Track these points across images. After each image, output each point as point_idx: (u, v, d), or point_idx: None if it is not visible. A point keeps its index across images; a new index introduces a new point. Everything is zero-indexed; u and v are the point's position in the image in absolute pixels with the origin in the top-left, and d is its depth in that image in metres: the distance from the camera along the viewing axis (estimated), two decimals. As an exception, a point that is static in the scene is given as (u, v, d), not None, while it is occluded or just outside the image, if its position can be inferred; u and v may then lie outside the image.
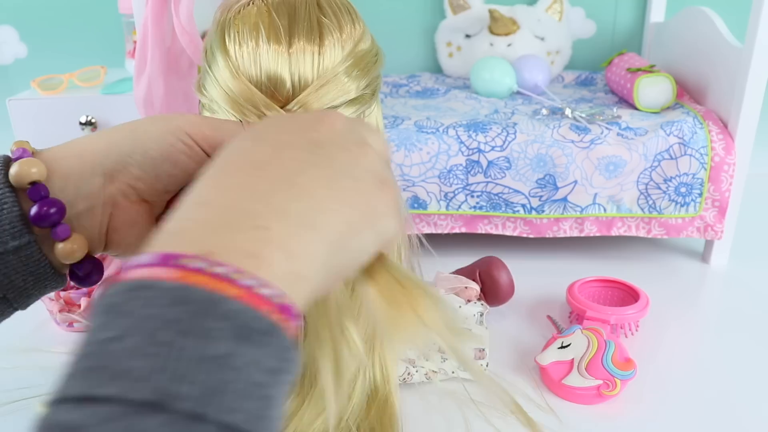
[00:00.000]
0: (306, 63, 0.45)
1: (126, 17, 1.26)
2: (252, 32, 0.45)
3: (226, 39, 0.46)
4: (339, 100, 0.46)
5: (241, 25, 0.46)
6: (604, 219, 1.03)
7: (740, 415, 0.69)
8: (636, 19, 1.47)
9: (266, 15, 0.46)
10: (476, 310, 0.77)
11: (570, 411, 0.69)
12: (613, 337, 0.75)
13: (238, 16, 0.46)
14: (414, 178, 1.00)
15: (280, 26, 0.45)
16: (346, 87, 0.46)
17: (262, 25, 0.45)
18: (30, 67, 1.44)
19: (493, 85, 1.23)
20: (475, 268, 0.85)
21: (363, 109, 0.49)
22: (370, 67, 0.48)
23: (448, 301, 0.77)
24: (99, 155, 0.39)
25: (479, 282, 0.84)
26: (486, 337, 0.76)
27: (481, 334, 0.76)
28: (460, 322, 0.29)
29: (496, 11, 1.37)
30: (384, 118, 1.06)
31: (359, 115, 0.49)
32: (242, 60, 0.45)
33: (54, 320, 0.85)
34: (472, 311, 0.77)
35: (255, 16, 0.46)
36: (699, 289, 0.99)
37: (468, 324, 0.76)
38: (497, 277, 0.84)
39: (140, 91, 0.88)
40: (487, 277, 0.84)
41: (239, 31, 0.46)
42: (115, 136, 0.40)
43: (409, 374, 0.70)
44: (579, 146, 0.99)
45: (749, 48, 0.94)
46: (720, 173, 0.98)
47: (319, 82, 0.45)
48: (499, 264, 0.85)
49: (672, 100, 1.08)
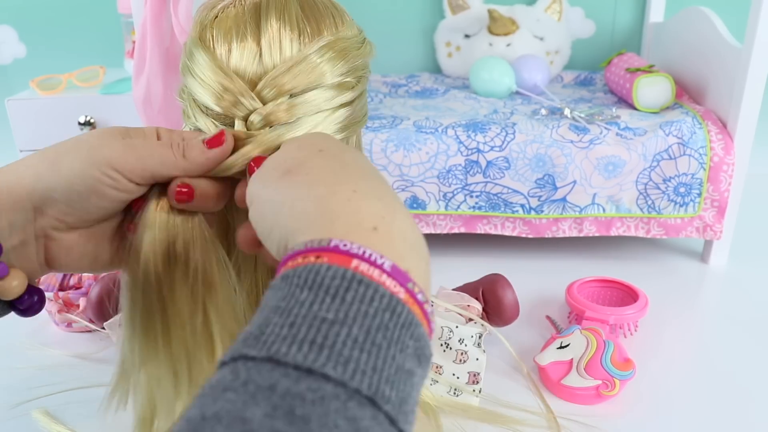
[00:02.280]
0: (283, 56, 0.45)
1: (125, 17, 1.26)
2: (227, 34, 0.46)
3: (206, 38, 0.46)
4: (315, 82, 0.45)
5: (218, 28, 0.46)
6: (603, 219, 1.03)
7: (740, 415, 0.69)
8: (635, 19, 1.47)
9: (243, 16, 0.46)
10: (475, 331, 0.74)
11: (569, 411, 0.69)
12: (612, 337, 0.75)
13: (215, 20, 0.47)
14: (413, 178, 1.00)
15: (258, 26, 0.45)
16: (319, 68, 0.45)
17: (238, 27, 0.46)
18: (29, 67, 1.44)
19: (493, 85, 1.23)
20: (478, 286, 0.81)
21: (349, 97, 0.48)
22: (350, 52, 0.48)
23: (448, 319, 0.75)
24: (26, 189, 0.39)
25: (482, 300, 0.80)
26: (483, 360, 0.72)
27: (478, 357, 0.72)
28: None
29: (495, 11, 1.37)
30: (383, 118, 1.06)
31: (349, 105, 0.48)
32: (221, 54, 0.46)
33: (53, 321, 0.85)
34: (470, 332, 0.73)
35: (233, 18, 0.46)
36: (698, 289, 0.99)
37: (465, 345, 0.73)
38: (501, 296, 0.79)
39: (139, 91, 0.88)
40: (491, 295, 0.80)
41: (217, 29, 0.46)
42: (40, 169, 0.40)
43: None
44: (578, 146, 0.99)
45: (748, 48, 0.94)
46: (719, 173, 0.98)
47: (288, 63, 0.45)
48: (504, 283, 0.80)
49: (671, 100, 1.08)
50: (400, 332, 0.27)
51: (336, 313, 0.26)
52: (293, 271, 0.28)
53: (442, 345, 0.73)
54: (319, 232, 0.31)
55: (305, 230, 0.32)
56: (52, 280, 0.83)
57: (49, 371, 0.76)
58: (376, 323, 0.26)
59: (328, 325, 0.25)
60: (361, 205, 0.32)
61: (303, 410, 0.22)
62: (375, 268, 0.28)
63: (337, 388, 0.24)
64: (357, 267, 0.28)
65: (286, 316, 0.26)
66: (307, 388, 0.23)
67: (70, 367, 0.78)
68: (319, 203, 0.33)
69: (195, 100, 0.47)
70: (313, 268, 0.27)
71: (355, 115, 0.50)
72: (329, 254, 0.28)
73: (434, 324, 0.29)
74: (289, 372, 0.24)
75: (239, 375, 0.24)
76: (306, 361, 0.24)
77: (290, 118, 0.45)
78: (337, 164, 0.36)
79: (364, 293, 0.27)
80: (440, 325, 0.73)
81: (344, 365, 0.24)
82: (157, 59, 0.85)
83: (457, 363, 0.72)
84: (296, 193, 0.34)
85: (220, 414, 0.22)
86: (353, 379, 0.24)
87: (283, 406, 0.22)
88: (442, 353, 0.72)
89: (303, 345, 0.24)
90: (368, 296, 0.27)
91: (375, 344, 0.26)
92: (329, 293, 0.26)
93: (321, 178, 0.35)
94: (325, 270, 0.27)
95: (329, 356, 0.24)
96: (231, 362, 0.25)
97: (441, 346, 0.73)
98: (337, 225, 0.31)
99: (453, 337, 0.73)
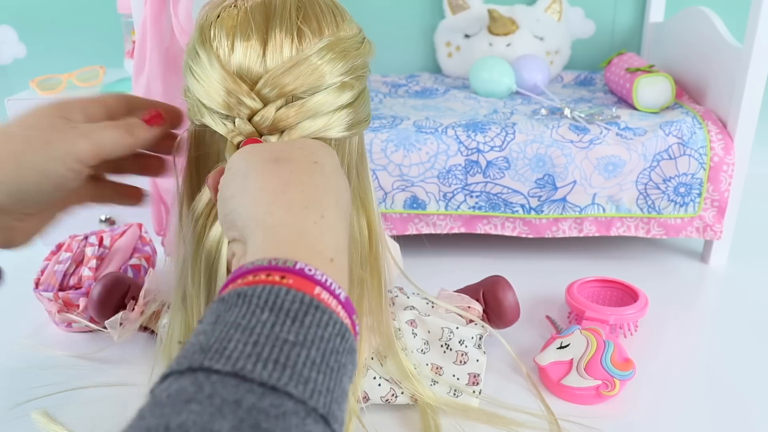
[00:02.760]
0: (284, 57, 0.45)
1: (125, 17, 1.26)
2: (231, 33, 0.46)
3: (209, 36, 0.47)
4: (316, 83, 0.46)
5: (221, 27, 0.46)
6: (603, 219, 1.03)
7: (740, 415, 0.69)
8: (635, 19, 1.47)
9: (245, 17, 0.46)
10: (475, 333, 0.74)
11: (569, 411, 0.68)
12: (612, 337, 0.75)
13: (218, 19, 0.47)
14: (413, 178, 1.00)
15: (260, 27, 0.46)
16: (319, 70, 0.46)
17: (240, 27, 0.46)
18: (29, 67, 1.44)
19: (492, 85, 1.23)
20: (479, 288, 0.82)
21: (351, 97, 0.48)
22: (350, 52, 0.48)
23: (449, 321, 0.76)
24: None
25: (483, 302, 0.80)
26: (483, 362, 0.72)
27: (478, 359, 0.72)
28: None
29: (495, 11, 1.37)
30: (383, 118, 1.06)
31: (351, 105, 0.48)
32: (224, 53, 0.46)
33: (53, 321, 0.85)
34: (471, 333, 0.74)
35: (235, 18, 0.46)
36: (698, 289, 0.99)
37: (466, 346, 0.73)
38: (502, 298, 0.79)
39: (139, 91, 0.88)
40: (491, 297, 0.80)
41: (219, 30, 0.46)
42: (0, 173, 0.40)
43: (394, 395, 0.67)
44: (578, 146, 0.99)
45: (748, 48, 0.94)
46: (719, 173, 0.98)
47: (288, 63, 0.45)
48: (505, 284, 0.80)
49: (671, 100, 1.08)
50: (346, 357, 0.29)
51: (296, 335, 0.27)
52: (252, 290, 0.29)
53: (443, 346, 0.73)
54: (280, 244, 0.32)
55: (264, 228, 0.33)
56: (51, 280, 0.83)
57: (49, 371, 0.76)
58: (330, 347, 0.28)
59: (290, 347, 0.27)
60: (324, 233, 0.34)
61: (267, 424, 0.24)
62: (333, 297, 0.30)
63: (297, 405, 0.25)
64: (319, 294, 0.30)
65: (248, 335, 0.27)
66: (270, 404, 0.24)
67: (70, 367, 0.78)
68: (288, 210, 0.34)
69: (199, 100, 0.47)
70: (273, 290, 0.29)
71: (358, 115, 0.50)
72: (294, 277, 0.30)
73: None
74: (254, 388, 0.25)
75: (203, 388, 0.24)
76: (271, 379, 0.25)
77: (295, 121, 0.45)
78: (321, 181, 0.37)
79: (320, 318, 0.29)
80: (441, 326, 0.73)
81: (304, 384, 0.26)
82: (157, 59, 0.85)
83: (457, 364, 0.71)
84: (271, 183, 0.35)
85: (186, 425, 0.23)
86: (311, 398, 0.26)
87: (248, 420, 0.23)
88: (442, 354, 0.72)
89: (267, 363, 0.26)
90: (323, 321, 0.29)
91: (329, 366, 0.28)
92: (289, 316, 0.28)
93: (301, 185, 0.36)
94: (284, 293, 0.29)
95: (291, 376, 0.26)
96: (189, 373, 0.25)
97: (441, 347, 0.73)
98: (300, 245, 0.32)
99: (453, 338, 0.73)
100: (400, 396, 0.67)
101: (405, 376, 0.65)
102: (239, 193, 0.36)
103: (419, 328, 0.73)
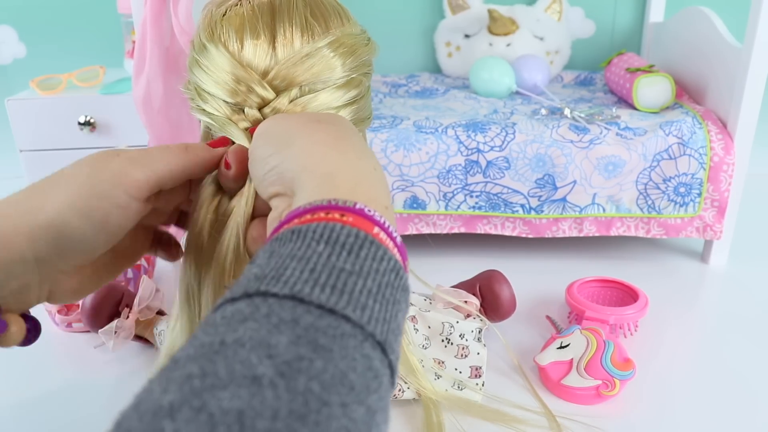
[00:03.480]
0: (295, 49, 0.45)
1: (125, 17, 1.26)
2: (239, 30, 0.46)
3: (217, 33, 0.47)
4: (325, 75, 0.46)
5: (228, 24, 0.46)
6: (603, 219, 1.03)
7: (739, 415, 0.69)
8: (635, 19, 1.47)
9: (252, 14, 0.46)
10: (474, 326, 0.75)
11: (569, 411, 0.68)
12: (612, 337, 0.75)
13: (224, 17, 0.47)
14: (413, 178, 1.00)
15: (268, 23, 0.46)
16: (330, 62, 0.46)
17: (249, 23, 0.46)
18: (29, 67, 1.44)
19: (492, 85, 1.23)
20: (475, 282, 0.82)
21: (356, 94, 0.48)
22: (358, 48, 0.48)
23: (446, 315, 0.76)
24: (23, 244, 0.35)
25: (479, 296, 0.81)
26: (484, 354, 0.73)
27: (479, 352, 0.72)
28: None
29: (495, 11, 1.37)
30: (383, 118, 1.06)
31: (355, 102, 0.49)
32: (233, 48, 0.46)
33: (53, 321, 0.85)
34: (470, 327, 0.74)
35: (242, 16, 0.46)
36: (698, 289, 0.99)
37: (466, 340, 0.73)
38: (498, 291, 0.80)
39: (139, 91, 0.88)
40: (487, 291, 0.81)
41: (228, 27, 0.46)
42: (39, 219, 0.35)
43: (400, 390, 0.67)
44: (578, 146, 0.99)
45: (748, 48, 0.94)
46: (719, 173, 0.98)
47: (300, 53, 0.45)
48: (500, 278, 0.81)
49: (671, 100, 1.08)
50: (400, 294, 0.29)
51: (353, 265, 0.28)
52: (307, 227, 0.29)
53: (444, 341, 0.73)
54: (339, 186, 0.32)
55: (319, 176, 0.33)
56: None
57: (49, 371, 0.76)
58: (386, 280, 0.28)
59: (347, 275, 0.27)
60: (378, 184, 0.34)
61: (325, 341, 0.24)
62: (390, 239, 0.30)
63: (355, 329, 0.25)
64: (377, 234, 0.30)
65: (305, 263, 0.27)
66: (328, 324, 0.25)
67: (70, 367, 0.78)
68: (344, 159, 0.34)
69: (205, 91, 0.47)
70: (328, 226, 0.29)
71: (360, 113, 0.50)
72: (354, 216, 0.30)
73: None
74: (311, 309, 0.25)
75: (259, 308, 0.25)
76: (329, 302, 0.25)
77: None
78: (360, 144, 0.37)
79: (375, 252, 0.29)
80: (441, 321, 0.74)
81: (362, 310, 0.26)
82: (157, 59, 0.85)
83: (458, 358, 0.72)
84: (321, 137, 0.36)
85: (242, 339, 0.23)
86: (369, 323, 0.26)
87: (306, 336, 0.24)
88: (443, 349, 0.73)
89: (325, 288, 0.26)
90: (379, 256, 0.29)
91: (385, 298, 0.28)
92: (345, 248, 0.28)
93: (351, 140, 0.36)
94: (339, 228, 0.29)
95: (349, 301, 0.26)
96: (245, 298, 0.26)
97: (442, 341, 0.73)
98: (358, 190, 0.32)
99: (454, 332, 0.74)
100: (407, 391, 0.68)
101: (410, 370, 0.66)
102: (284, 148, 0.35)
103: (420, 323, 0.74)
